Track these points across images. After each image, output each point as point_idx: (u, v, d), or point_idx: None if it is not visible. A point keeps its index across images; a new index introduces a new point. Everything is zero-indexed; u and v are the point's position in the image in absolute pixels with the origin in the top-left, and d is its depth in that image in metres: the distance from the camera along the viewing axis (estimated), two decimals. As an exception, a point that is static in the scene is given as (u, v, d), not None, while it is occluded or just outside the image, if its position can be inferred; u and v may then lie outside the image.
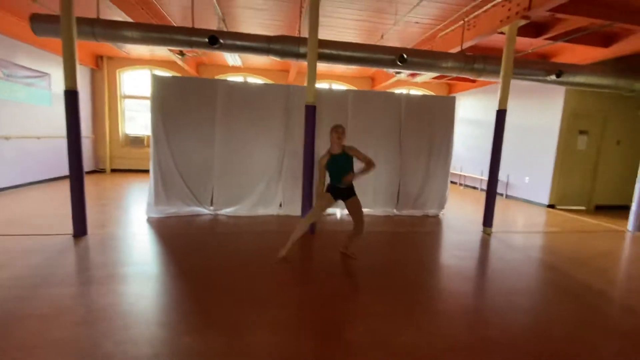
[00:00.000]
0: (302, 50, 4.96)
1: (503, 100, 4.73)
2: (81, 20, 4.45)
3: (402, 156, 5.72)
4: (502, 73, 4.75)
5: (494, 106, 4.77)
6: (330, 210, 5.62)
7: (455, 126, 10.47)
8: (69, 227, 3.97)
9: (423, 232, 4.90)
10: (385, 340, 2.17)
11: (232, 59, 7.65)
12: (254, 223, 4.90)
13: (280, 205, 5.42)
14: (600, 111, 7.04)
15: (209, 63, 9.61)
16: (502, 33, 4.95)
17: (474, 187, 9.45)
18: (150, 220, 4.78)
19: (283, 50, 4.91)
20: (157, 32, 4.67)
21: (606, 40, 5.83)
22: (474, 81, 9.12)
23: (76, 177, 3.94)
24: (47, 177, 7.32)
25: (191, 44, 4.78)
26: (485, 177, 8.30)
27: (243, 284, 2.89)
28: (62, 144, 4.21)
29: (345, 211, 5.67)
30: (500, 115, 4.75)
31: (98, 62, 9.10)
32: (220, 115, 5.03)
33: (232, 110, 5.06)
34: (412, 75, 8.35)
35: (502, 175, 8.19)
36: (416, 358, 2.01)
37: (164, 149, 4.94)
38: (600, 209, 7.27)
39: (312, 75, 4.26)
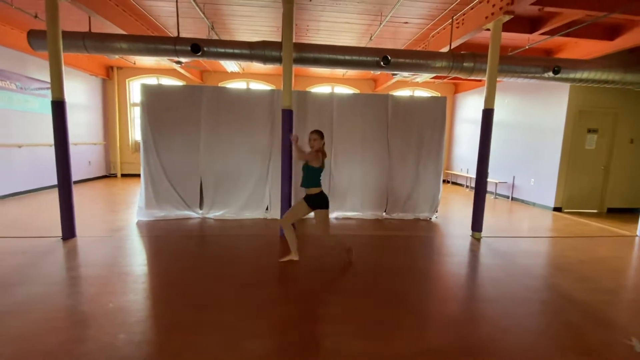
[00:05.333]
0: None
1: (489, 98, 4.55)
2: (73, 34, 4.71)
3: (390, 158, 5.62)
4: (487, 71, 4.58)
5: (501, 105, 4.56)
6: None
7: (459, 126, 10.31)
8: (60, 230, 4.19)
9: (407, 236, 4.77)
10: (353, 345, 2.14)
11: (229, 65, 7.83)
12: (239, 226, 4.97)
13: (267, 209, 5.46)
14: (611, 108, 6.61)
15: (212, 70, 9.88)
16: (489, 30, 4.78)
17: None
18: (139, 224, 4.95)
19: (264, 55, 4.97)
20: (143, 42, 4.87)
21: (610, 32, 5.49)
22: (479, 80, 8.83)
23: (64, 184, 4.16)
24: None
25: (176, 53, 4.95)
26: (493, 180, 8.04)
27: (207, 287, 2.94)
28: (73, 150, 4.45)
29: (335, 214, 5.65)
30: (487, 114, 4.58)
31: (109, 72, 9.59)
32: (205, 120, 5.16)
33: (217, 116, 5.18)
34: (411, 75, 8.19)
35: (507, 177, 7.91)
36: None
37: (153, 154, 5.12)
38: (613, 212, 6.80)
39: (288, 80, 4.29)
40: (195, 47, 4.77)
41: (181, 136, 5.17)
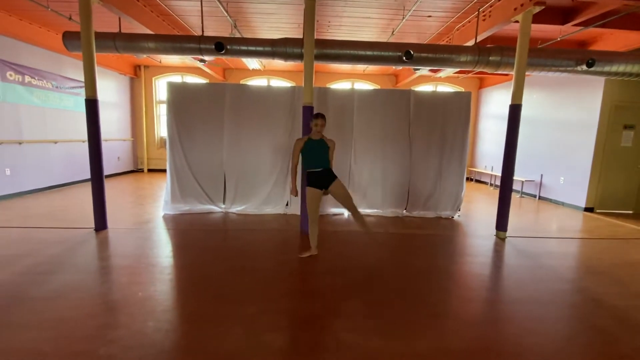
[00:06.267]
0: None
1: (517, 94, 4.39)
2: (104, 35, 4.92)
3: (412, 155, 5.54)
4: (516, 65, 4.41)
5: (529, 100, 4.40)
6: (336, 211, 5.61)
7: (484, 122, 9.98)
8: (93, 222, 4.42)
9: (429, 235, 4.70)
10: (365, 345, 2.16)
11: (251, 63, 7.93)
12: (260, 221, 5.06)
13: (287, 204, 5.52)
14: (650, 103, 6.21)
15: (234, 68, 10.04)
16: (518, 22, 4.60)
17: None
18: (165, 217, 5.14)
19: (286, 52, 5.00)
20: (170, 41, 5.02)
21: (651, 22, 5.14)
22: (506, 74, 8.50)
23: (96, 178, 4.39)
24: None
25: (201, 51, 5.07)
26: (519, 178, 7.75)
27: (231, 280, 3.03)
28: (104, 146, 4.63)
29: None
30: (514, 110, 4.41)
31: (136, 71, 9.94)
32: (228, 117, 5.27)
33: (239, 112, 5.28)
34: (434, 71, 8.01)
35: (535, 175, 7.61)
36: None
37: (178, 150, 5.28)
38: (651, 214, 6.42)
39: (309, 76, 4.30)
40: (219, 46, 4.87)
41: (205, 132, 5.31)
